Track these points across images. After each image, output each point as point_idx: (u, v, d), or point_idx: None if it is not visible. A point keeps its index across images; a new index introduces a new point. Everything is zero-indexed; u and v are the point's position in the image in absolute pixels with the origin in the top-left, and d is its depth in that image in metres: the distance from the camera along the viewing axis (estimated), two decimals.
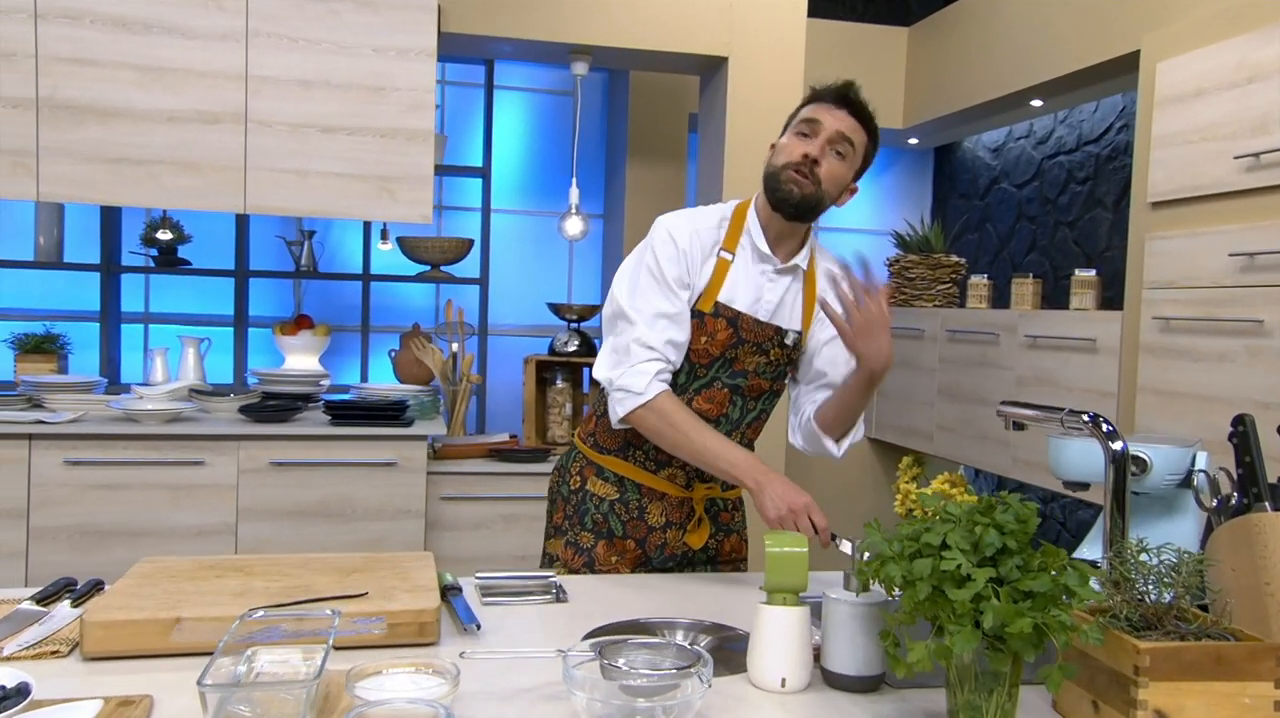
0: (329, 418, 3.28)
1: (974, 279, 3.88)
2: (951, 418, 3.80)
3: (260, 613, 1.21)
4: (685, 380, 1.84)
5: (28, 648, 1.26)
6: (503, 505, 3.38)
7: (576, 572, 1.90)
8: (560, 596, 1.67)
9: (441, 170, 4.23)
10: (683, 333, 1.80)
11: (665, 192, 4.31)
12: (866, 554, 1.24)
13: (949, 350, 3.85)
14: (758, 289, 1.84)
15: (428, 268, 4.05)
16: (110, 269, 3.95)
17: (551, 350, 3.72)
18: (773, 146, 1.88)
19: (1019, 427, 1.53)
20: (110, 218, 3.94)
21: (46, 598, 1.47)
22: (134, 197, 3.12)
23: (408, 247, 3.98)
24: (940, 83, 4.29)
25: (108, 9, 3.05)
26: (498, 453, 3.45)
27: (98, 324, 3.98)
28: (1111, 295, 3.35)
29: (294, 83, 3.19)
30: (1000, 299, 3.90)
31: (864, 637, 1.29)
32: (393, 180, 3.25)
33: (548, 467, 3.41)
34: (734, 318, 1.82)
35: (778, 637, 1.30)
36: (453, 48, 3.59)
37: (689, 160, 4.48)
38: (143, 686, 1.19)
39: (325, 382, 3.62)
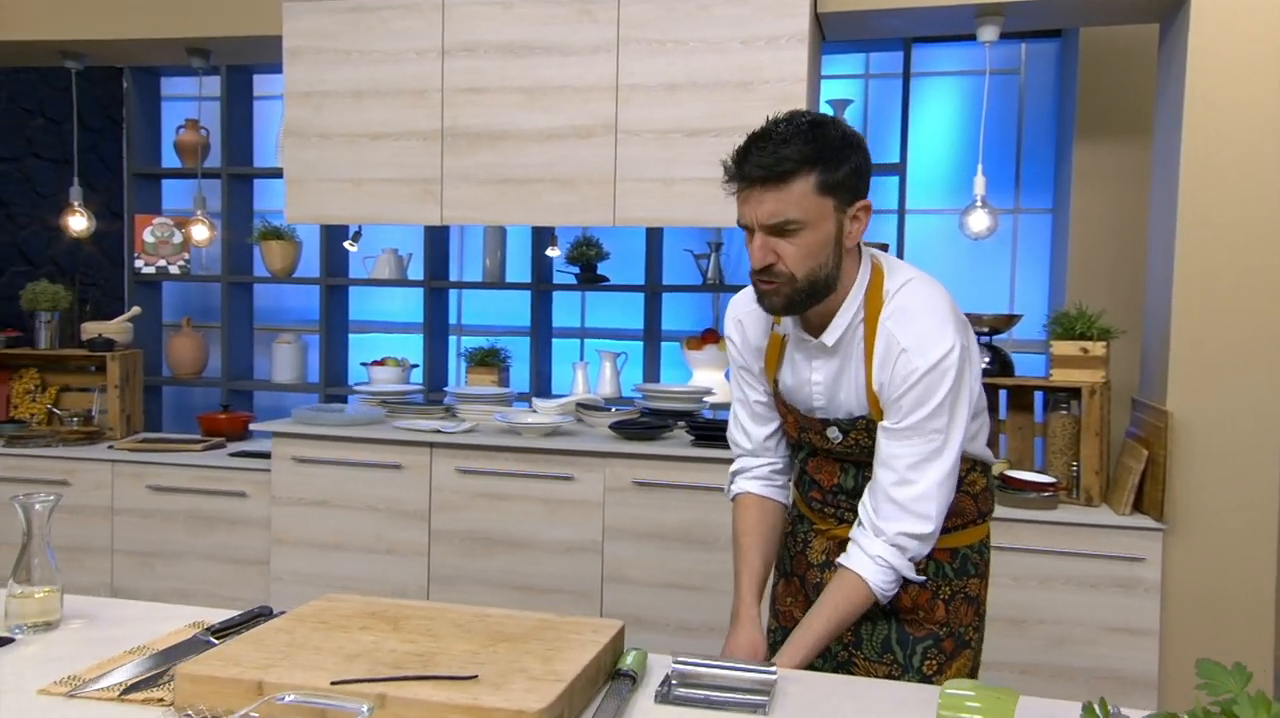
0: (692, 438, 3.10)
1: None
2: None
3: (289, 698, 1.02)
4: (793, 453, 1.78)
5: (140, 691, 1.22)
6: None
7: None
8: (766, 702, 1.28)
9: None
10: (756, 422, 1.77)
11: (1121, 177, 3.50)
12: None
13: None
14: (805, 371, 1.64)
15: None
16: (539, 287, 4.18)
17: None
18: None
19: None
20: (540, 238, 4.18)
21: (229, 628, 1.44)
22: (517, 215, 3.22)
23: None
24: None
25: (498, 37, 3.18)
26: None
27: (529, 338, 4.24)
28: None
29: (661, 87, 3.07)
30: None
31: None
32: None
33: None
34: (785, 402, 1.70)
35: None
36: (836, 31, 3.21)
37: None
38: None
39: (710, 398, 3.45)
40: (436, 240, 4.29)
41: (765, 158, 1.45)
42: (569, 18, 3.13)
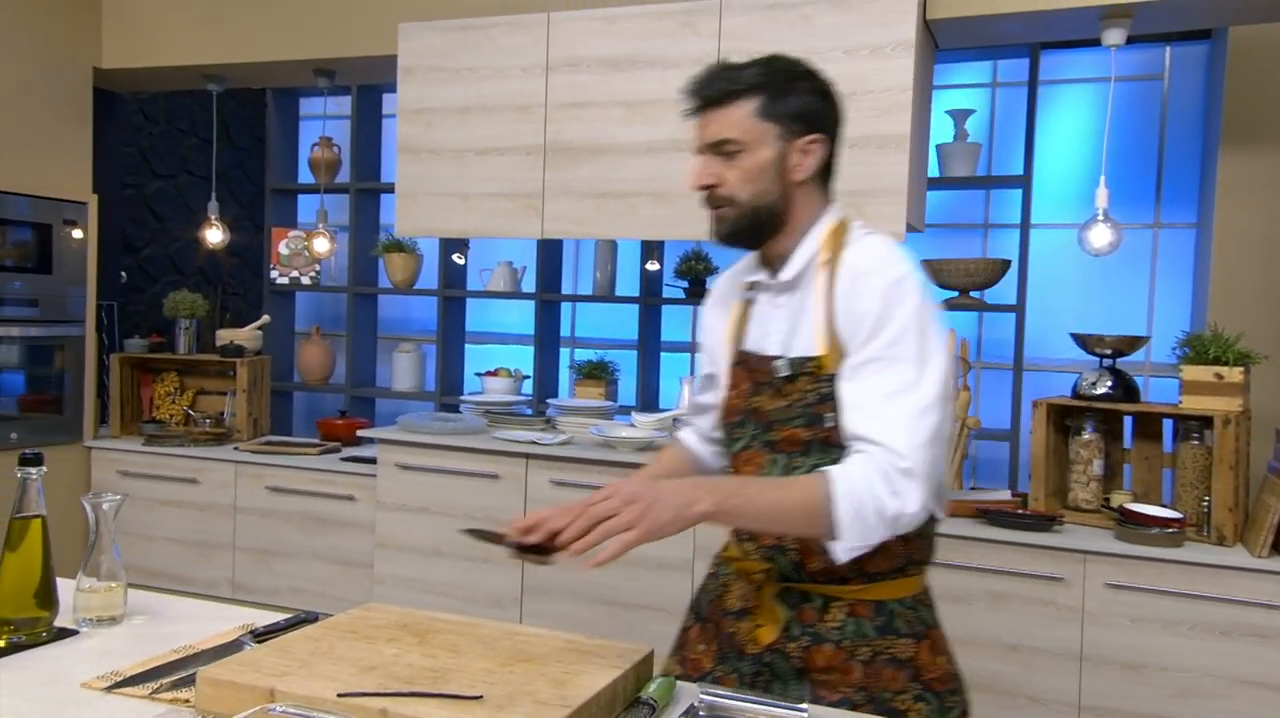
0: None
1: None
2: None
3: (278, 709, 1.03)
4: (726, 446, 1.61)
5: (170, 692, 1.25)
6: (990, 580, 2.77)
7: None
8: None
9: (971, 183, 3.72)
10: (705, 398, 1.69)
11: (1270, 187, 3.22)
12: None
13: None
14: (766, 321, 1.55)
15: (955, 294, 3.55)
16: (646, 301, 4.17)
17: (1075, 393, 2.96)
18: None
19: None
20: (649, 252, 4.17)
21: (272, 632, 1.47)
22: (615, 229, 3.22)
23: (930, 270, 3.53)
24: None
25: (600, 52, 3.19)
26: (989, 515, 2.84)
27: (636, 352, 4.24)
28: None
29: None
30: None
31: None
32: (859, 195, 2.86)
33: (1056, 538, 2.72)
34: (743, 360, 1.57)
35: None
36: (949, 39, 3.07)
37: None
38: None
39: None
40: (549, 254, 4.34)
41: (711, 80, 1.49)
42: (671, 30, 3.11)
